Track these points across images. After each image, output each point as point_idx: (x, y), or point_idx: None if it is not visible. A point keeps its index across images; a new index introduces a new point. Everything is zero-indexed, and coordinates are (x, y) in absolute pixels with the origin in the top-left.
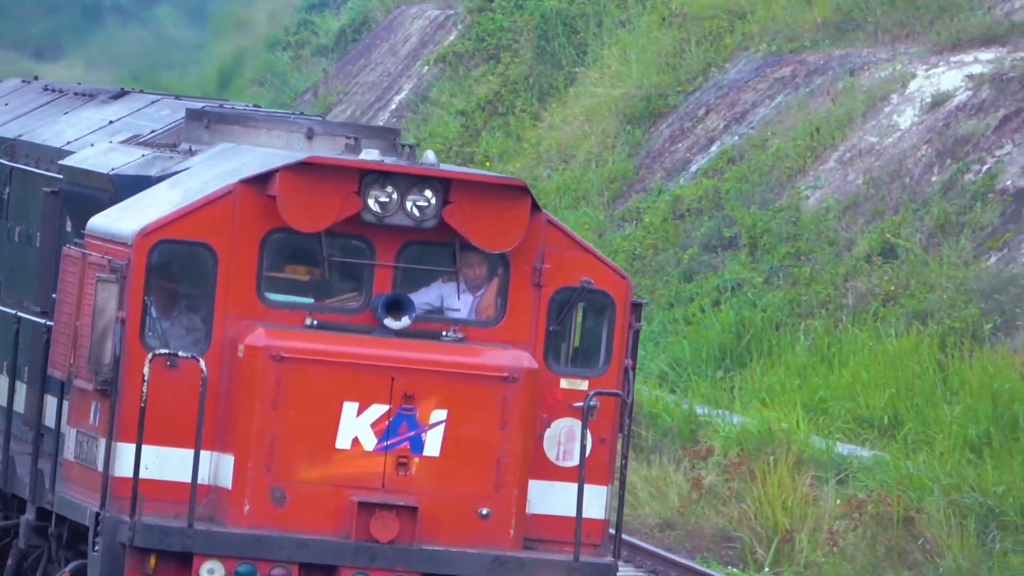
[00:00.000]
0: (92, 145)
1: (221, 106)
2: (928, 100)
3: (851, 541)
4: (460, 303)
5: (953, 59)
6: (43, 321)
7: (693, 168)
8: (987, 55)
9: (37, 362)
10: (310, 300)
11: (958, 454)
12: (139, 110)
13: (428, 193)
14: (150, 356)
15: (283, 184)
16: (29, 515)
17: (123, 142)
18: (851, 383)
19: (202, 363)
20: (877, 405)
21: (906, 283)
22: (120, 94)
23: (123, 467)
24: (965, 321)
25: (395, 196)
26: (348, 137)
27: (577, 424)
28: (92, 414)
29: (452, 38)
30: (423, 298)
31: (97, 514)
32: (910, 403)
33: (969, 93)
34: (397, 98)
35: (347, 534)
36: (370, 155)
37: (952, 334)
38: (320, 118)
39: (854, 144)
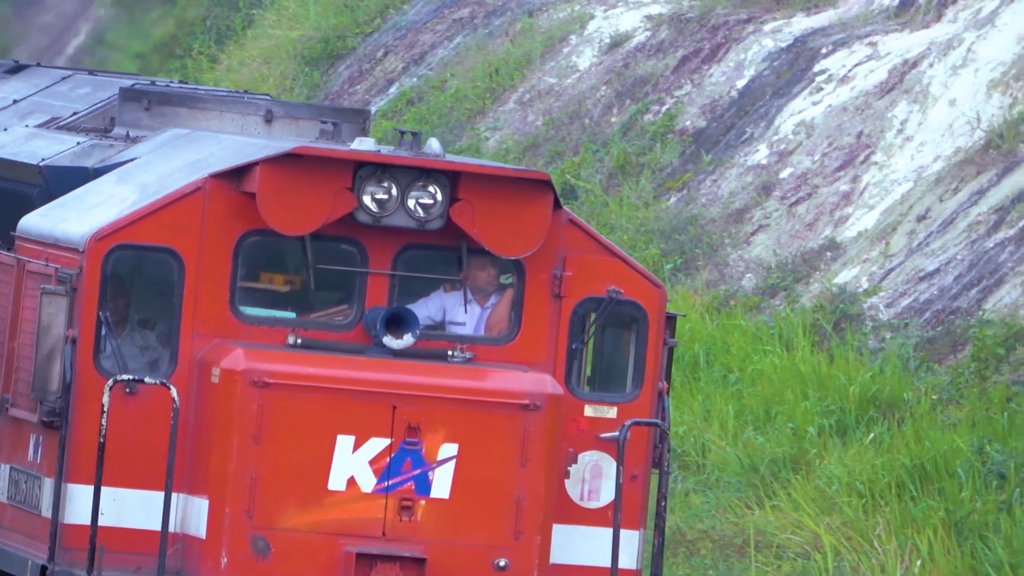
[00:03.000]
0: (5, 130)
1: (153, 83)
2: (607, 41)
3: None
4: (466, 317)
5: (631, 0)
6: None
7: (372, 110)
8: None
9: None
10: (292, 315)
11: None
12: (48, 87)
13: (433, 189)
14: (110, 383)
15: (264, 179)
16: None
17: (41, 126)
18: None
19: (173, 390)
20: None
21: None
22: (18, 68)
23: (75, 513)
24: (646, 261)
25: (395, 192)
26: (324, 121)
27: (604, 458)
28: (32, 449)
29: None
30: (422, 311)
31: (43, 567)
32: None
33: (648, 34)
34: (74, 41)
35: None
36: (364, 144)
37: None
38: (268, 96)
39: (533, 85)
